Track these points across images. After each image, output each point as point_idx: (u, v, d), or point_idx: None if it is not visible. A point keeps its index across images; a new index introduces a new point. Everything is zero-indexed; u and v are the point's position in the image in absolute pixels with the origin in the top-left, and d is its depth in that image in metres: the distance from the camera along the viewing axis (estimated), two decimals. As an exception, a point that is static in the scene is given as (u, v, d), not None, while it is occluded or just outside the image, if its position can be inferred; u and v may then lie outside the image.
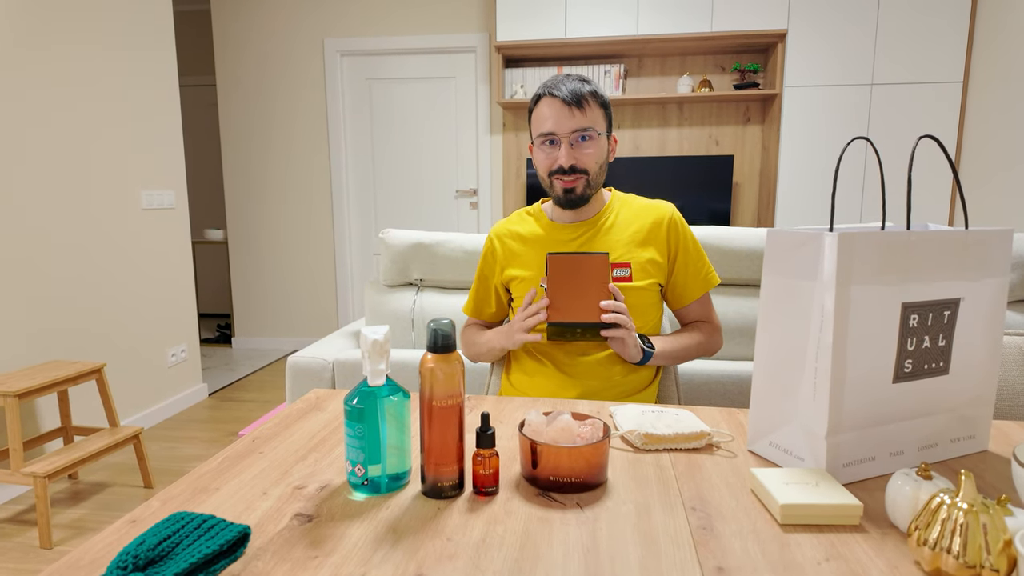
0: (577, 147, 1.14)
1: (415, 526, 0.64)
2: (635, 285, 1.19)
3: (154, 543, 0.55)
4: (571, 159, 1.14)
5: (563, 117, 1.13)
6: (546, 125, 1.14)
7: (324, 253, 4.17)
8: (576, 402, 1.04)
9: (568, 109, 1.12)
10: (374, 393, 0.70)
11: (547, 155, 1.17)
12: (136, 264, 2.78)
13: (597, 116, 1.15)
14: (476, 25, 3.82)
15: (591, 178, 1.17)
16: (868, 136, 3.31)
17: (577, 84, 1.13)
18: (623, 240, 1.21)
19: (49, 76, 2.34)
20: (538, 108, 1.17)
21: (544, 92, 1.16)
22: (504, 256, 1.27)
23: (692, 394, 1.62)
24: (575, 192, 1.17)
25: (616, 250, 1.20)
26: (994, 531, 0.52)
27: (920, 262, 0.73)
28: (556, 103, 1.13)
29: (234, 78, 4.06)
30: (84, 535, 1.94)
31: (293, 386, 1.75)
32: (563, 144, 1.14)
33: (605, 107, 1.17)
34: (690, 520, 0.65)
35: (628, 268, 1.19)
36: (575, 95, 1.12)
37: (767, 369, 0.80)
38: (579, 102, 1.12)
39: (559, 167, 1.15)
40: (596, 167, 1.17)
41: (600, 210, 1.24)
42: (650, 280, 1.20)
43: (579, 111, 1.12)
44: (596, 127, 1.15)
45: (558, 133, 1.14)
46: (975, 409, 0.81)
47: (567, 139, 1.13)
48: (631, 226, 1.22)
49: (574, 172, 1.15)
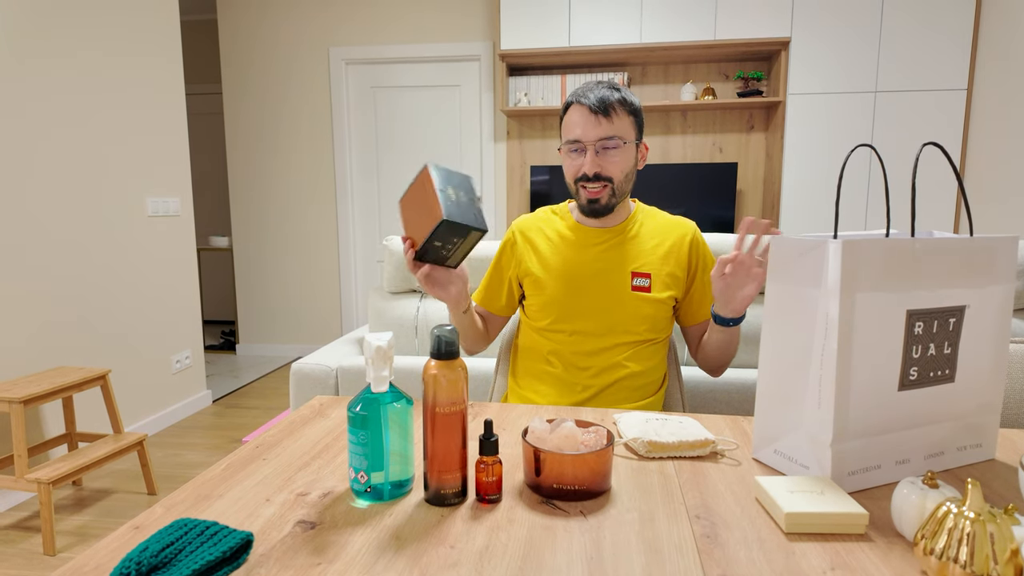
0: (602, 155, 1.14)
1: (418, 533, 0.64)
2: (654, 296, 1.19)
3: (157, 550, 0.55)
4: (596, 167, 1.14)
5: (590, 125, 1.13)
6: (574, 132, 1.15)
7: (328, 260, 4.18)
8: (579, 409, 1.03)
9: (595, 117, 1.13)
10: (377, 400, 0.70)
11: (573, 162, 1.17)
12: (141, 270, 2.80)
13: (625, 124, 1.15)
14: (480, 34, 3.85)
15: (616, 186, 1.17)
16: (872, 143, 3.30)
17: (606, 92, 1.14)
18: (646, 250, 1.21)
19: (57, 84, 2.36)
20: (568, 115, 1.17)
21: (573, 99, 1.16)
22: (524, 250, 1.27)
23: (697, 401, 1.61)
24: (599, 203, 1.17)
25: (639, 259, 1.20)
26: (1001, 540, 0.51)
27: (925, 269, 0.73)
28: (584, 111, 1.14)
29: (240, 86, 4.09)
30: (88, 541, 1.94)
31: (297, 393, 1.75)
32: (589, 151, 1.14)
33: (635, 114, 1.17)
34: (694, 528, 0.64)
35: (648, 279, 1.19)
36: (602, 103, 1.12)
37: (772, 377, 0.79)
38: (606, 110, 1.12)
39: (583, 174, 1.15)
40: (621, 175, 1.17)
41: (626, 219, 1.24)
42: (668, 293, 1.20)
43: (606, 119, 1.13)
44: (623, 135, 1.14)
45: (584, 140, 1.14)
46: (981, 417, 0.81)
47: (592, 147, 1.14)
48: (654, 238, 1.22)
49: (599, 180, 1.15)
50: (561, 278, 1.21)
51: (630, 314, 1.18)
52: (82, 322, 2.47)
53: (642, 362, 1.20)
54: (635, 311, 1.18)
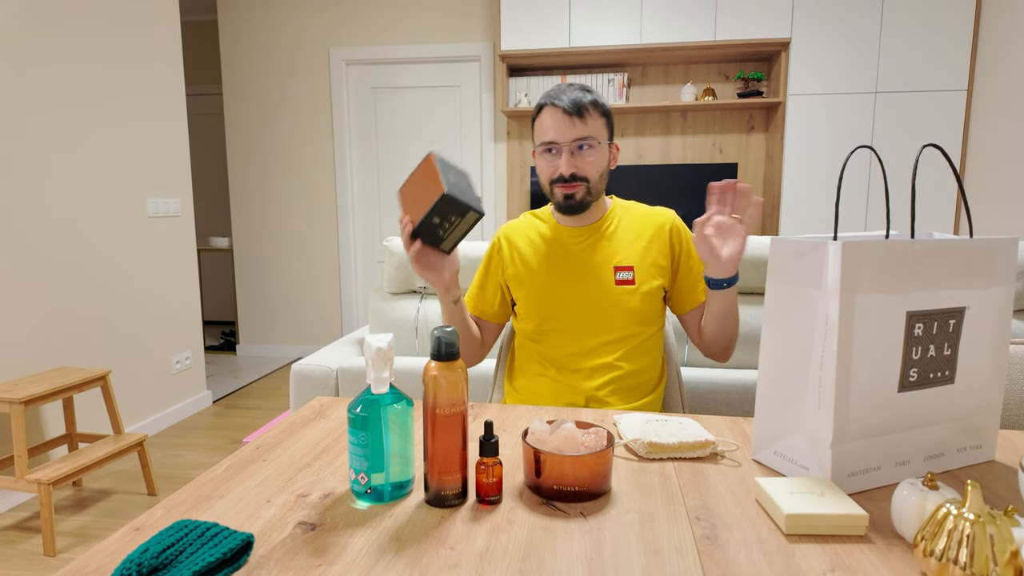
0: (577, 155, 1.16)
1: (418, 535, 0.64)
2: (639, 289, 1.19)
3: (158, 551, 0.55)
4: (571, 167, 1.16)
5: (564, 126, 1.15)
6: (548, 134, 1.16)
7: (328, 261, 4.18)
8: (580, 411, 1.04)
9: (569, 119, 1.14)
10: (378, 401, 0.70)
11: (548, 163, 1.19)
12: (142, 271, 2.80)
13: (598, 125, 1.17)
14: (481, 34, 3.85)
15: (591, 185, 1.18)
16: (872, 144, 3.30)
17: (578, 94, 1.15)
18: (626, 244, 1.22)
19: (57, 85, 2.36)
20: (540, 117, 1.19)
21: (546, 102, 1.18)
22: (509, 255, 1.28)
23: (697, 403, 1.61)
24: (575, 198, 1.18)
25: (619, 253, 1.21)
26: (1001, 542, 0.51)
27: (925, 271, 0.73)
28: (557, 112, 1.15)
29: (240, 87, 4.09)
30: (88, 542, 1.94)
31: (297, 394, 1.75)
32: (564, 152, 1.16)
33: (606, 116, 1.19)
34: (694, 530, 0.64)
35: (631, 271, 1.20)
36: (576, 104, 1.14)
37: (772, 378, 0.79)
38: (580, 111, 1.14)
39: (560, 175, 1.16)
40: (596, 175, 1.18)
41: (603, 215, 1.26)
42: (655, 283, 1.20)
43: (580, 120, 1.14)
44: (596, 136, 1.16)
45: (559, 142, 1.16)
46: (982, 418, 0.81)
47: (568, 148, 1.15)
48: (633, 231, 1.24)
49: (575, 180, 1.16)
50: (544, 279, 1.23)
51: (616, 309, 1.19)
52: (82, 323, 2.47)
53: (635, 361, 1.20)
54: (621, 305, 1.19)
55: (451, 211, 0.94)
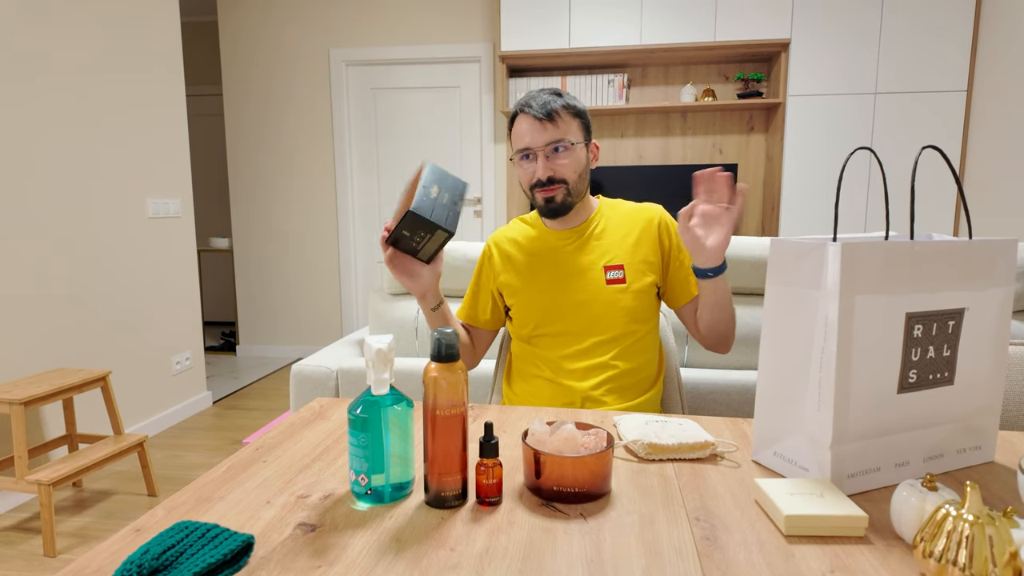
0: (553, 158, 1.17)
1: (418, 536, 0.64)
2: (631, 287, 1.20)
3: (158, 552, 0.55)
4: (548, 171, 1.17)
5: (536, 131, 1.16)
6: (522, 141, 1.18)
7: (329, 261, 4.18)
8: (579, 412, 1.04)
9: (540, 123, 1.15)
10: (378, 402, 0.70)
11: (526, 170, 1.20)
12: (142, 272, 2.80)
13: (571, 127, 1.18)
14: (480, 35, 3.85)
15: (571, 187, 1.19)
16: (872, 145, 3.31)
17: (548, 98, 1.17)
18: (615, 242, 1.23)
19: (57, 86, 2.36)
20: (515, 125, 1.20)
21: (518, 109, 1.19)
22: (500, 262, 1.29)
23: (696, 404, 1.61)
24: (555, 201, 1.19)
25: (609, 252, 1.22)
26: (1000, 543, 0.51)
27: (924, 272, 0.73)
28: (528, 119, 1.17)
29: (240, 88, 4.09)
30: (88, 543, 1.94)
31: (297, 394, 1.75)
32: (539, 157, 1.17)
33: (580, 116, 1.20)
34: (694, 531, 0.64)
35: (622, 270, 1.20)
36: (545, 109, 1.15)
37: (771, 379, 0.79)
38: (550, 115, 1.15)
39: (537, 180, 1.18)
40: (574, 176, 1.19)
41: (589, 216, 1.26)
42: (646, 280, 1.20)
43: (551, 124, 1.15)
44: (570, 137, 1.17)
45: (533, 147, 1.17)
46: (981, 420, 0.81)
47: (542, 152, 1.16)
48: (621, 229, 1.24)
49: (552, 183, 1.17)
50: (535, 284, 1.23)
51: (609, 309, 1.19)
52: (82, 323, 2.47)
53: (631, 359, 1.20)
54: (613, 305, 1.19)
55: (419, 227, 0.97)
